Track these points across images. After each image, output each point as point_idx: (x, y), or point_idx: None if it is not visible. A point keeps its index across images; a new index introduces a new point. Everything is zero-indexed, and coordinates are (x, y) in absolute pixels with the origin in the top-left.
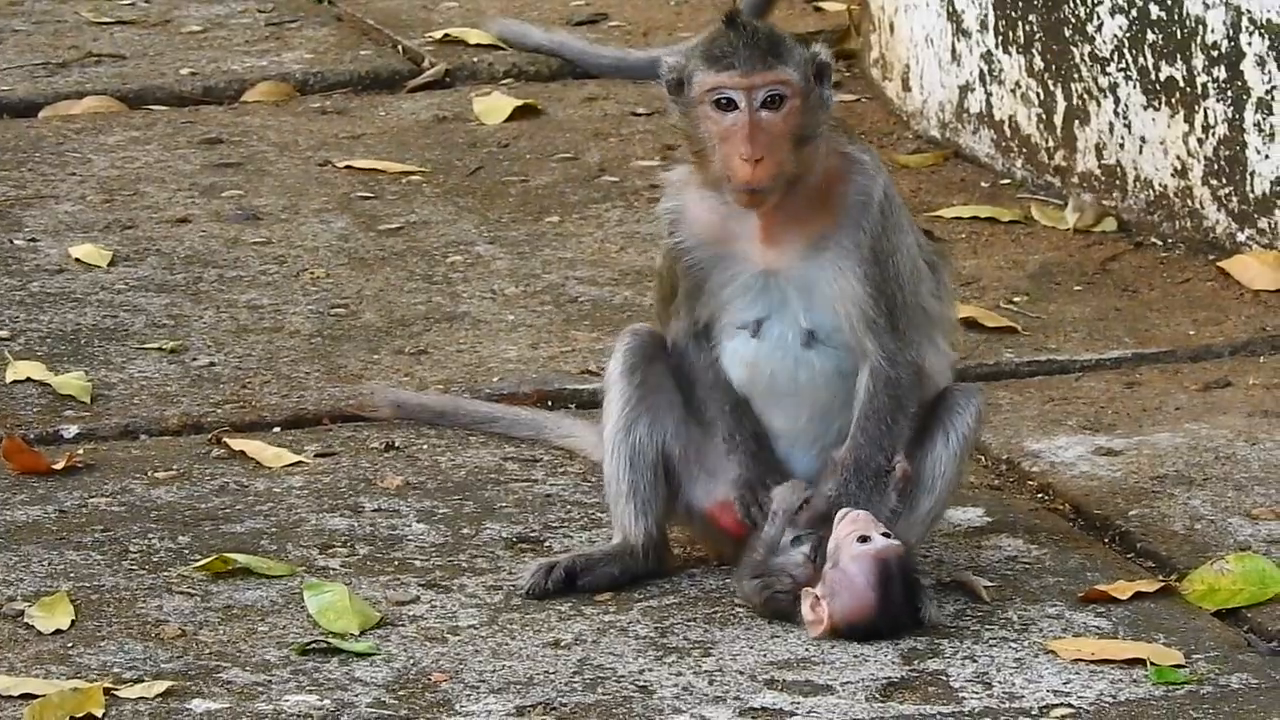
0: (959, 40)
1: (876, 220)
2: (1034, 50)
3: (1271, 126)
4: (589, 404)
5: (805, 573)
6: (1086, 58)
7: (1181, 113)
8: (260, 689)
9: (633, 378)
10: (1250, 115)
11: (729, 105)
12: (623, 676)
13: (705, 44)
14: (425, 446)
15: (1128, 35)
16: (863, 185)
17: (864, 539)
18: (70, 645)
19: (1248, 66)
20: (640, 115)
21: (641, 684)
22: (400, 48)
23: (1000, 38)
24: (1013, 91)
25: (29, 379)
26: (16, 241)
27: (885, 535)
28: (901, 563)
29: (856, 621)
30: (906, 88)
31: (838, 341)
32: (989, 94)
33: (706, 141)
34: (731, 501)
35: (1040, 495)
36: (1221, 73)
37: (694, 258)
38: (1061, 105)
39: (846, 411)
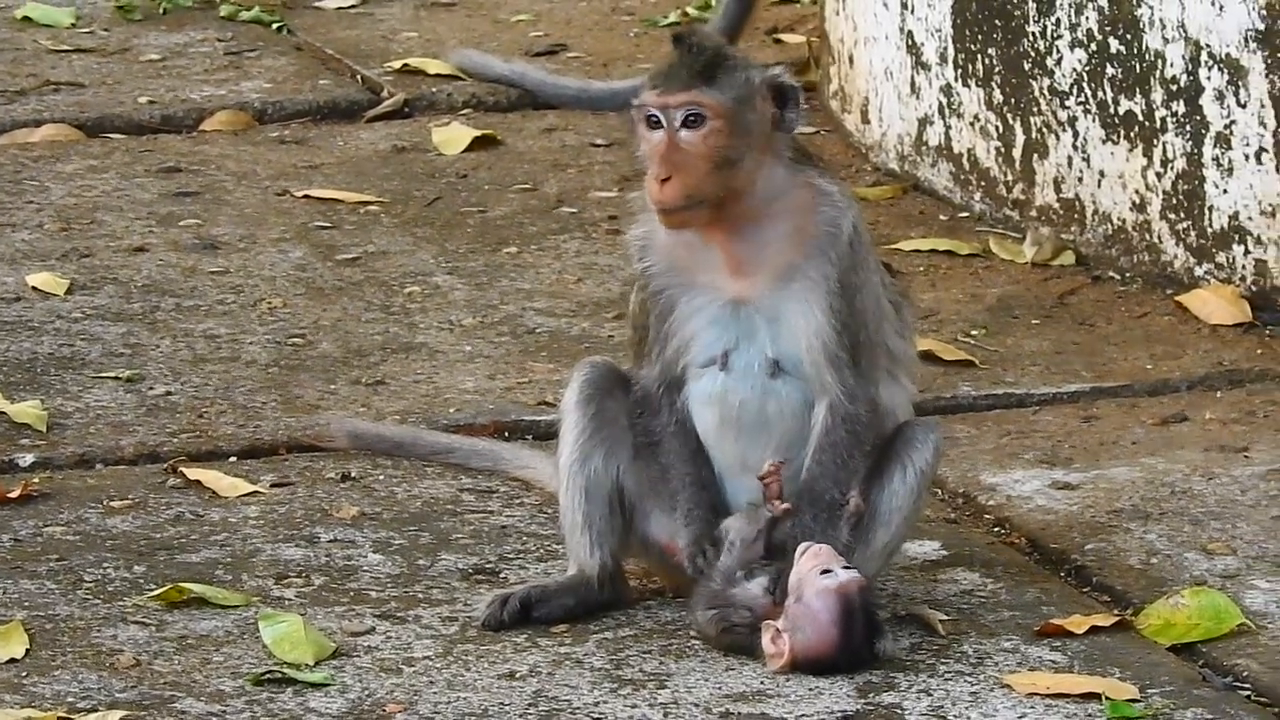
0: (918, 73)
1: (845, 253)
2: (993, 83)
3: (1230, 161)
4: (546, 435)
5: (763, 606)
6: (1046, 91)
7: (1140, 147)
8: (214, 719)
9: (588, 409)
10: (1209, 149)
11: (657, 124)
12: (578, 708)
13: (655, 65)
14: (381, 477)
15: (1087, 69)
16: (832, 217)
17: (826, 572)
18: (24, 675)
19: (1206, 101)
20: (599, 146)
21: (596, 716)
22: (359, 77)
23: (959, 71)
24: (972, 125)
25: None
26: None
27: (847, 568)
28: (863, 597)
29: (818, 656)
30: (865, 120)
31: (804, 373)
32: (948, 127)
33: (644, 161)
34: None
35: (997, 529)
36: (1180, 107)
37: (662, 284)
38: (1020, 139)
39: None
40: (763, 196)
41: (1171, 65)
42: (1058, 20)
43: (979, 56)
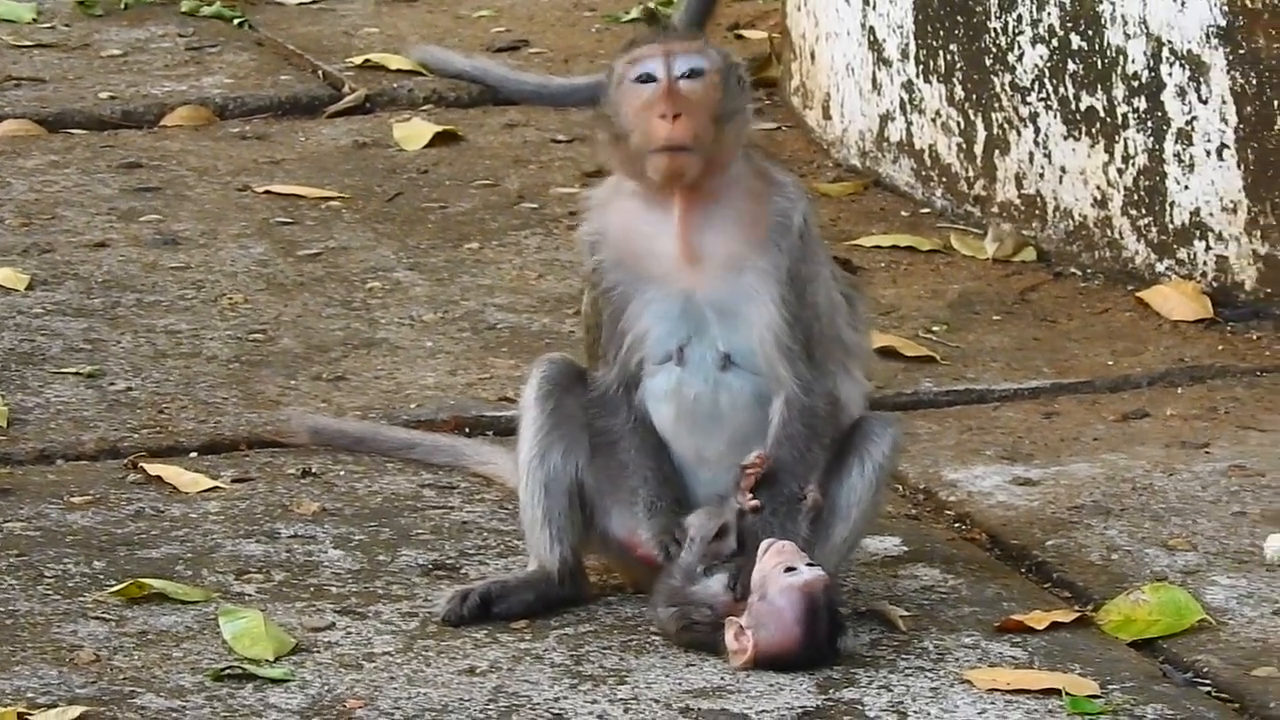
0: (880, 69)
1: (795, 244)
2: (954, 79)
3: (1191, 157)
4: (506, 431)
5: (723, 603)
6: (1007, 87)
7: (1102, 143)
8: (175, 715)
9: (547, 405)
10: (1170, 146)
11: (648, 79)
12: (538, 704)
13: (624, 45)
14: (342, 472)
15: (1048, 65)
16: (783, 207)
17: (790, 569)
18: None
19: (1168, 97)
20: (560, 142)
21: (556, 711)
22: (321, 73)
23: (921, 67)
24: (933, 121)
25: None
26: None
27: (810, 565)
28: (827, 595)
29: (781, 653)
30: (827, 116)
31: (755, 365)
32: (909, 123)
33: (629, 124)
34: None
35: (957, 525)
36: (1142, 103)
37: (614, 279)
38: (982, 135)
39: (764, 436)
40: (723, 178)
41: (1133, 61)
42: (1019, 16)
43: (940, 52)
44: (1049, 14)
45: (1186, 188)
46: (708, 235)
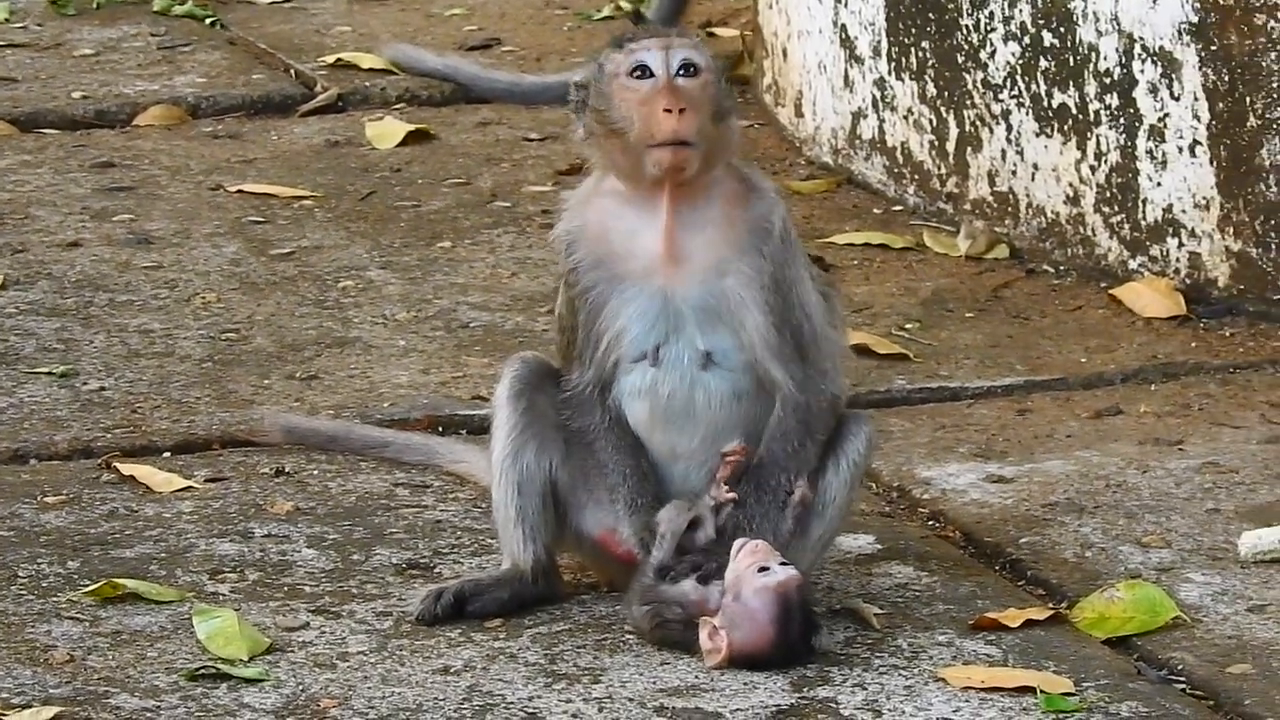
0: (852, 67)
1: (778, 248)
2: (927, 77)
3: (1164, 154)
4: (480, 430)
5: (693, 603)
6: (979, 84)
7: (1074, 140)
8: (149, 714)
9: (519, 404)
10: (1143, 142)
11: (645, 74)
12: (512, 703)
13: (614, 40)
14: (316, 472)
15: (1020, 62)
16: (764, 212)
17: (764, 569)
18: None
19: (1140, 94)
20: (533, 140)
21: (531, 710)
22: (293, 72)
23: (893, 64)
24: (905, 118)
25: None
26: None
27: (784, 565)
28: (801, 594)
29: (755, 653)
30: (799, 114)
31: (733, 364)
32: (882, 120)
33: (624, 119)
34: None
35: (931, 522)
36: (1114, 100)
37: (591, 279)
38: (954, 132)
39: (740, 433)
40: (709, 179)
41: (1105, 58)
42: (991, 13)
43: (912, 50)
44: (1021, 11)
45: (1159, 184)
46: (691, 236)
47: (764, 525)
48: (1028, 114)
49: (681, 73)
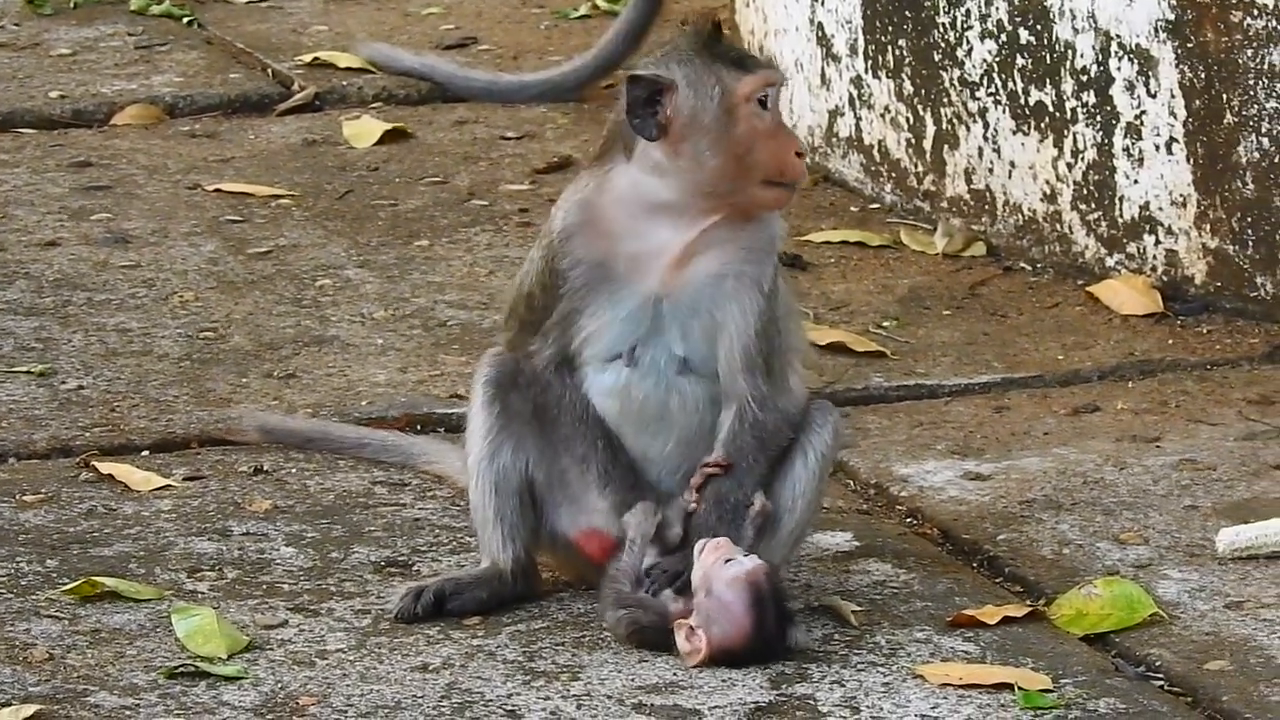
0: (828, 65)
1: (776, 260)
2: (903, 75)
3: (1140, 151)
4: (457, 428)
5: (675, 612)
6: (956, 82)
7: (1051, 137)
8: (128, 712)
9: (494, 405)
10: (1119, 140)
11: (765, 104)
12: (490, 700)
13: (711, 49)
14: (294, 470)
15: (997, 60)
16: (771, 221)
17: (729, 561)
18: None
19: (1117, 91)
20: (510, 139)
21: (509, 708)
22: (270, 71)
23: (870, 62)
24: (882, 116)
25: None
26: None
27: (748, 555)
28: (771, 582)
29: (734, 646)
30: None
31: (709, 370)
32: (858, 118)
33: (744, 144)
34: (596, 530)
35: (909, 519)
36: (1091, 97)
37: (584, 279)
38: (931, 130)
39: (713, 438)
40: None
41: (1082, 56)
42: (968, 11)
43: (889, 48)
44: (997, 9)
45: (1136, 182)
46: (706, 247)
47: (723, 535)
48: (1005, 112)
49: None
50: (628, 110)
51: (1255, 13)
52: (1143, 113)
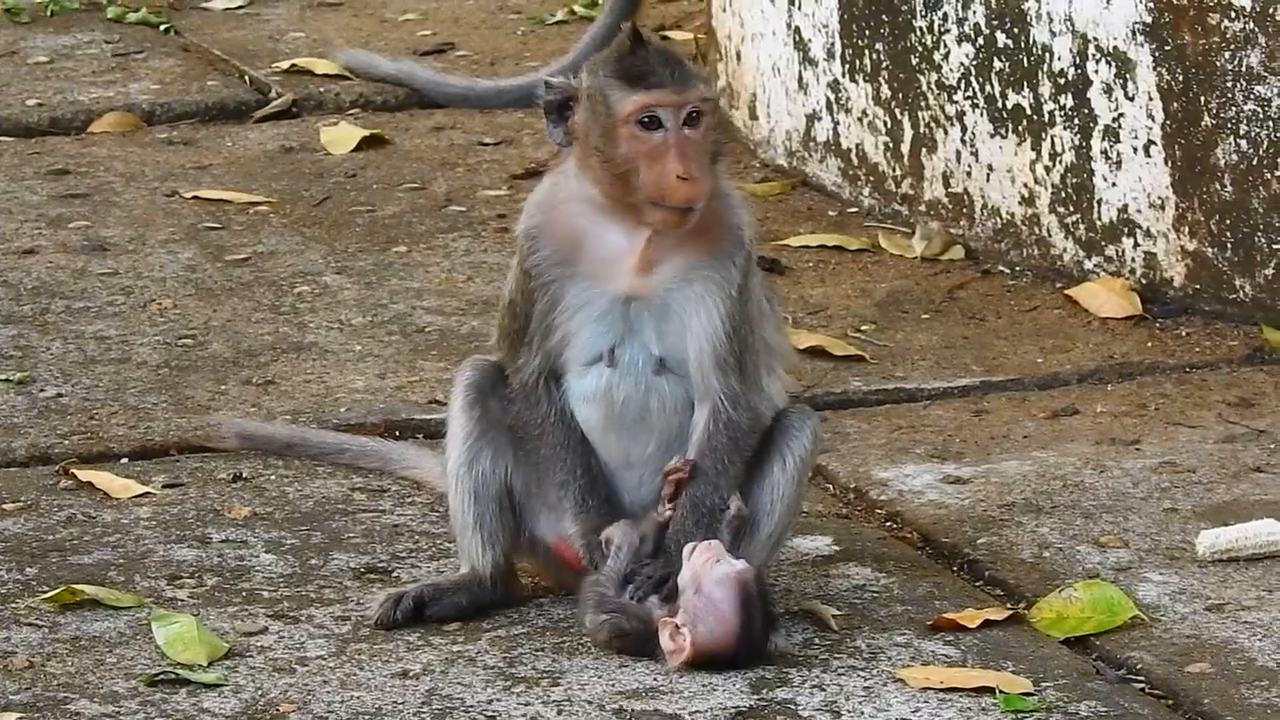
0: (806, 69)
1: (745, 259)
2: (881, 79)
3: (1118, 154)
4: (436, 434)
5: (659, 616)
6: (933, 86)
7: (1029, 140)
8: None
9: (473, 411)
10: (1097, 143)
11: (654, 125)
12: (471, 706)
13: (616, 63)
14: (273, 477)
15: (975, 63)
16: (738, 221)
17: (719, 562)
18: None
19: (1094, 94)
20: (487, 145)
21: (490, 714)
22: (247, 78)
23: (847, 66)
24: (860, 120)
25: None
26: None
27: (737, 559)
28: (759, 586)
29: (719, 647)
30: (754, 116)
31: (686, 370)
32: (836, 122)
33: (627, 164)
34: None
35: (888, 523)
36: (1068, 100)
37: (552, 276)
38: (908, 133)
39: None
40: None
41: (1059, 59)
42: (945, 15)
43: (866, 52)
44: (975, 12)
45: (1114, 185)
46: (665, 247)
47: (702, 539)
48: (982, 115)
49: (688, 125)
50: (545, 115)
51: (1232, 15)
52: (1121, 115)
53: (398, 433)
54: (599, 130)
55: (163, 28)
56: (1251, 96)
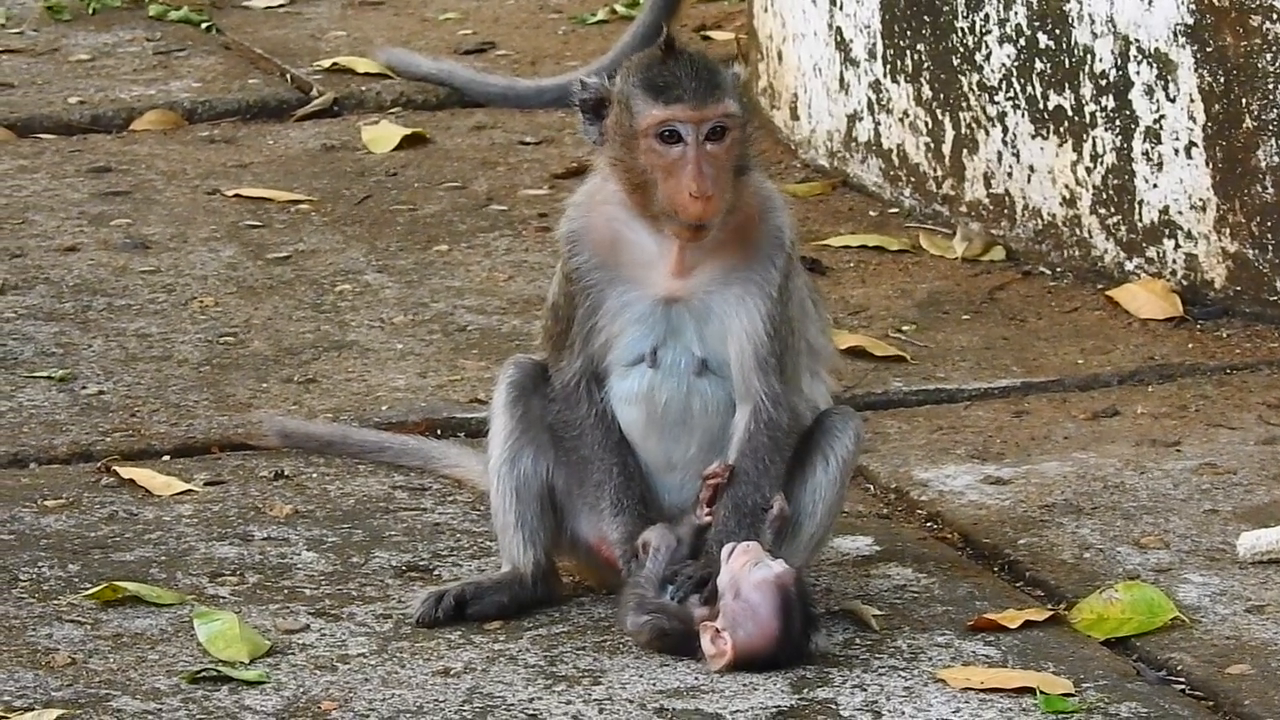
0: (847, 69)
1: (786, 261)
2: (922, 79)
3: (1160, 155)
4: (477, 433)
5: (700, 615)
6: (975, 87)
7: (1070, 142)
8: (151, 717)
9: (515, 409)
10: (1138, 144)
11: (674, 138)
12: (512, 705)
13: (643, 72)
14: (314, 475)
15: (1016, 64)
16: (779, 223)
17: (759, 565)
18: None
19: (1136, 95)
20: (528, 144)
21: (531, 712)
22: (288, 76)
23: (888, 67)
24: (901, 120)
25: None
26: None
27: (776, 560)
28: (799, 587)
29: (759, 650)
30: (795, 116)
31: (728, 372)
32: (877, 123)
33: (646, 173)
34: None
35: (929, 524)
36: (1110, 102)
37: (593, 280)
38: (950, 134)
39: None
40: None
41: (1101, 60)
42: (986, 16)
43: (908, 52)
44: (1016, 13)
45: (1155, 186)
46: (701, 250)
47: (744, 540)
48: (1023, 116)
49: (711, 138)
50: (580, 114)
51: (1274, 17)
52: (1162, 117)
53: (439, 431)
54: (622, 138)
55: (204, 26)
56: None
